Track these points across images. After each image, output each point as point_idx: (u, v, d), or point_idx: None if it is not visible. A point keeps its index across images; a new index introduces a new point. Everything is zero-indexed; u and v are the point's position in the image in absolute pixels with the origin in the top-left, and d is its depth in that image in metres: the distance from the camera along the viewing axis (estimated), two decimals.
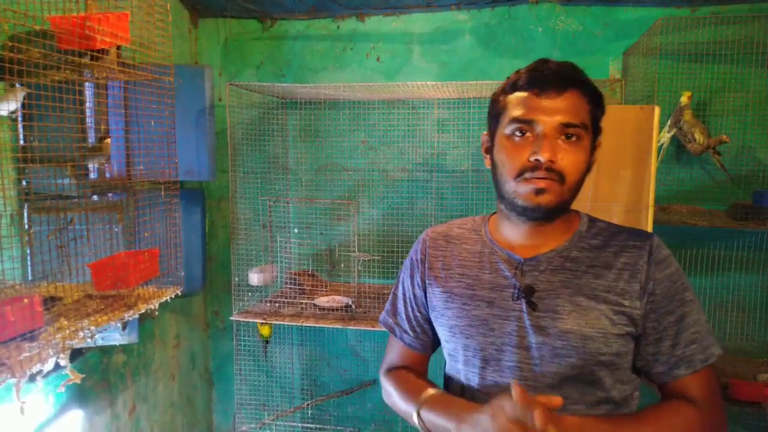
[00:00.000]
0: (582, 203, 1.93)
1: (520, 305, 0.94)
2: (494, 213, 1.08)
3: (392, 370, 1.12)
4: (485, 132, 1.02)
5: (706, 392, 0.90)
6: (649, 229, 1.93)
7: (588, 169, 0.94)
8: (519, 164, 0.90)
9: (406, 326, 1.12)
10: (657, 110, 1.92)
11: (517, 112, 0.91)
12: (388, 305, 1.17)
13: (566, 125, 0.89)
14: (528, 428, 0.74)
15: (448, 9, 2.66)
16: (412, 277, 1.11)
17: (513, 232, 0.99)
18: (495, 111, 0.98)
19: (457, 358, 1.01)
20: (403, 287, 1.13)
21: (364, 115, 2.75)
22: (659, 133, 2.04)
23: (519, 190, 0.91)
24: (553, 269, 0.95)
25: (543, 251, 0.96)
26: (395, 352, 1.15)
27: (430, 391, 0.99)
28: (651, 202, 1.93)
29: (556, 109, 0.89)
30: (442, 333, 1.04)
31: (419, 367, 1.13)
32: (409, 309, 1.11)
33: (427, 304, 1.08)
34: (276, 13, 2.77)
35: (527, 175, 0.89)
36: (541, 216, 0.93)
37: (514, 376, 0.93)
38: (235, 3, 2.67)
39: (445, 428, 0.91)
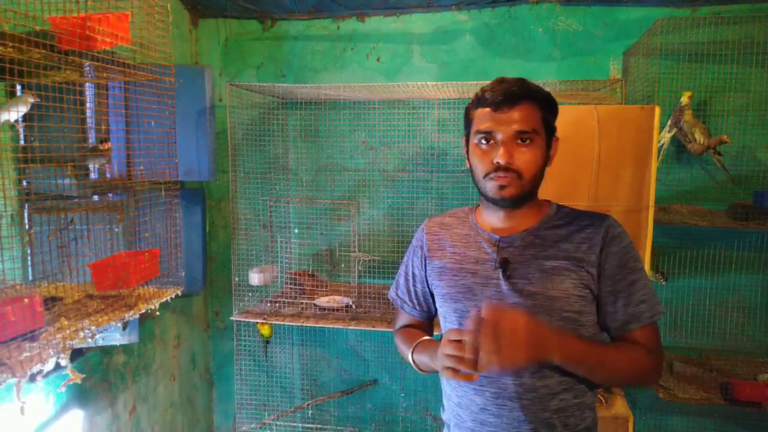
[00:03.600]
0: (582, 203, 1.93)
1: (498, 274, 1.15)
2: (479, 205, 1.30)
3: (399, 329, 1.39)
4: (464, 138, 1.24)
5: (652, 342, 1.12)
6: (650, 229, 1.94)
7: (545, 162, 1.16)
8: (485, 167, 1.13)
9: (407, 298, 1.36)
10: (657, 110, 1.92)
11: (481, 125, 1.13)
12: (394, 282, 1.43)
13: (520, 132, 1.10)
14: (461, 343, 0.98)
15: (449, 9, 2.67)
16: (413, 259, 1.35)
17: (493, 218, 1.21)
18: (467, 122, 1.20)
19: (449, 320, 1.23)
20: (406, 267, 1.37)
21: (364, 116, 2.75)
22: (659, 133, 2.04)
23: (488, 186, 1.13)
24: (525, 245, 1.16)
25: (517, 231, 1.18)
26: (402, 317, 1.40)
27: (421, 338, 1.25)
28: (651, 202, 1.93)
29: (510, 120, 1.10)
30: (438, 300, 1.27)
31: (422, 326, 1.38)
32: (410, 285, 1.35)
33: (426, 280, 1.31)
34: (276, 13, 2.78)
35: (492, 175, 1.11)
36: (507, 204, 1.15)
37: None
38: (235, 3, 2.67)
39: (427, 363, 1.19)
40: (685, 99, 2.29)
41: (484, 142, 1.13)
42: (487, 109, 1.12)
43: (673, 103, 2.33)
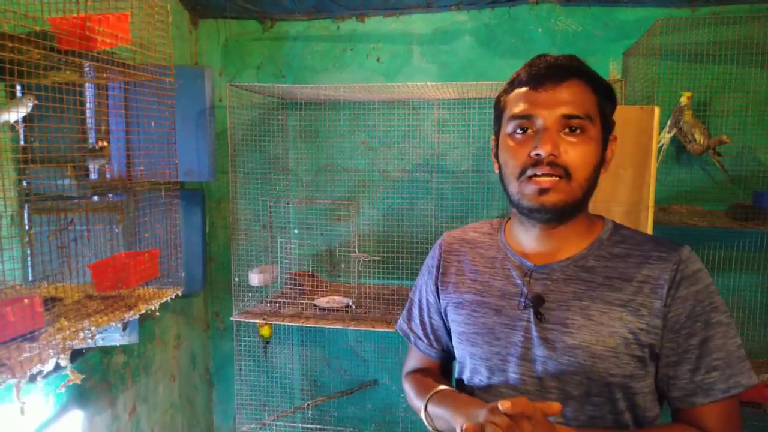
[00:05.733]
0: None
1: (528, 315, 0.88)
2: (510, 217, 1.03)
3: (410, 373, 1.11)
4: (492, 137, 0.98)
5: (723, 425, 0.81)
6: (650, 230, 1.93)
7: (600, 164, 0.87)
8: (520, 162, 0.84)
9: (420, 333, 1.08)
10: (657, 111, 1.92)
11: (516, 109, 0.87)
12: (405, 311, 1.14)
13: (568, 117, 0.83)
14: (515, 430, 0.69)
15: (448, 9, 2.67)
16: (426, 283, 1.07)
17: (526, 238, 0.93)
18: (497, 112, 0.94)
19: (464, 365, 0.98)
20: (420, 293, 1.10)
21: (364, 116, 2.75)
22: (659, 133, 2.04)
23: (523, 191, 0.85)
24: (567, 278, 0.88)
25: (558, 259, 0.90)
26: (414, 357, 1.12)
27: (439, 387, 0.96)
28: (651, 202, 1.93)
29: (556, 101, 0.83)
30: (453, 338, 1.01)
31: (437, 372, 1.10)
32: (425, 315, 1.07)
33: (441, 311, 1.04)
34: (276, 13, 2.78)
35: (529, 172, 0.83)
36: (549, 217, 0.86)
37: (517, 390, 0.88)
38: (235, 3, 2.67)
39: (445, 420, 0.88)
40: (684, 99, 2.29)
41: (519, 131, 0.85)
42: (525, 89, 0.86)
43: (673, 104, 2.33)
